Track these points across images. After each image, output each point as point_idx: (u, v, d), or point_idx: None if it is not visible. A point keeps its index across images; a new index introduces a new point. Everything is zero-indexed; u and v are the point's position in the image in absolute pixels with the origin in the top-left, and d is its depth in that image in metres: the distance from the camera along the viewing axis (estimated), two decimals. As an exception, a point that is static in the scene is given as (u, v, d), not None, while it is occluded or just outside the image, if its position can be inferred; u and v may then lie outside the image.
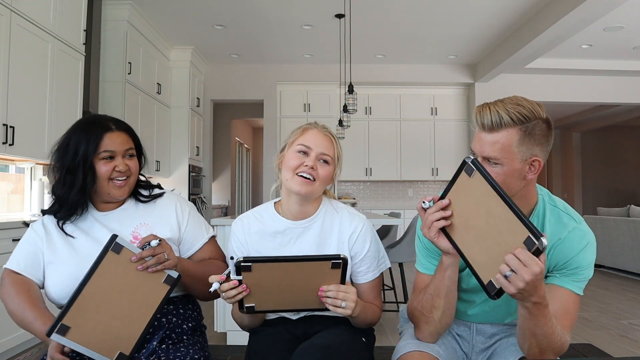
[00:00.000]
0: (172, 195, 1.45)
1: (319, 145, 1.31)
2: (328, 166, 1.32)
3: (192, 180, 6.49)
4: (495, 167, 1.09)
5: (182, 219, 1.38)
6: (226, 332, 3.03)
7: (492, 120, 1.07)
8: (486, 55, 6.84)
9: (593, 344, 2.94)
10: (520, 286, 0.90)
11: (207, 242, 1.41)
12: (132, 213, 1.35)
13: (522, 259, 0.90)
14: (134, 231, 1.31)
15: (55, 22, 3.55)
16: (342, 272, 1.15)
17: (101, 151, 1.25)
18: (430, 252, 1.24)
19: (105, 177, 1.26)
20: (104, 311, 1.12)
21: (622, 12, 5.03)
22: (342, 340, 1.21)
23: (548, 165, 11.35)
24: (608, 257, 5.97)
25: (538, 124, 1.08)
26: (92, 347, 1.12)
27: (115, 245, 1.12)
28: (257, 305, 1.18)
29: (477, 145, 1.12)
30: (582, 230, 1.18)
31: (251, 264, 1.10)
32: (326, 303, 1.16)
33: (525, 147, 1.08)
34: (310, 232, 1.35)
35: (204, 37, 6.09)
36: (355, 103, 4.94)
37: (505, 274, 0.91)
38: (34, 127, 3.35)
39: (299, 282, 1.15)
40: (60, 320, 1.09)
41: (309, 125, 1.37)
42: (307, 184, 1.28)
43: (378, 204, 7.89)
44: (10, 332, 2.71)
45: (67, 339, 1.09)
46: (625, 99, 7.48)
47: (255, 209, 1.43)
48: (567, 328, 1.10)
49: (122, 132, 1.32)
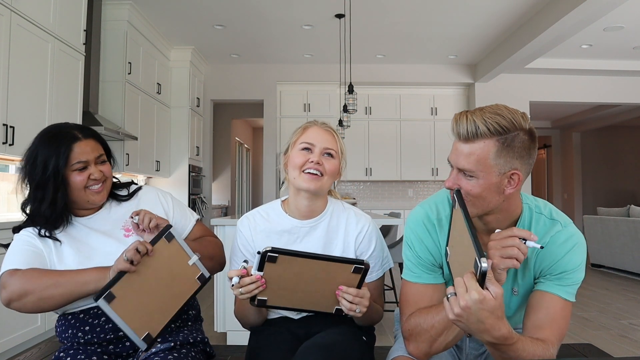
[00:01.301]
0: (151, 187, 1.48)
1: (322, 140, 1.33)
2: (333, 159, 1.33)
3: (192, 180, 6.48)
4: (470, 180, 1.03)
5: (168, 208, 1.42)
6: (226, 332, 3.03)
7: (467, 130, 1.01)
8: (486, 55, 6.84)
9: (593, 344, 2.93)
10: (455, 311, 0.86)
11: (194, 226, 1.46)
12: (116, 211, 1.36)
13: (466, 281, 0.86)
14: (124, 225, 1.33)
15: (55, 22, 3.55)
16: (362, 278, 1.16)
17: (73, 163, 1.24)
18: (423, 261, 1.17)
19: (80, 187, 1.26)
20: (146, 291, 1.18)
21: (622, 12, 5.03)
22: (343, 339, 1.21)
23: (548, 165, 11.35)
24: (608, 257, 5.97)
25: (518, 135, 1.00)
26: (127, 321, 1.16)
27: (168, 234, 1.21)
28: (269, 299, 1.19)
29: (452, 155, 1.06)
30: (567, 233, 1.10)
31: (277, 256, 1.10)
32: (341, 302, 1.17)
33: (504, 160, 1.00)
34: (317, 231, 1.36)
35: (204, 37, 6.09)
36: (355, 103, 4.94)
37: (447, 295, 0.88)
38: (34, 127, 3.35)
39: (317, 281, 1.16)
40: (110, 288, 1.13)
41: (310, 123, 1.38)
42: (315, 180, 1.29)
43: (378, 204, 7.88)
44: (10, 332, 2.71)
45: (110, 308, 1.13)
46: (625, 99, 7.48)
47: (262, 207, 1.44)
48: (554, 338, 1.03)
49: (90, 139, 1.29)
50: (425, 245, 1.17)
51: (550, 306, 1.06)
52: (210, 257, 1.38)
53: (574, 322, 3.64)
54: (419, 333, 1.09)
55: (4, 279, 1.17)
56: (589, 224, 6.29)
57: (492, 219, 1.11)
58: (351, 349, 1.19)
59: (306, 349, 1.14)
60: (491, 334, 0.89)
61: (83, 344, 1.23)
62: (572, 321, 3.66)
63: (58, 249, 1.25)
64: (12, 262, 1.20)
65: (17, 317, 2.77)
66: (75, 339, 1.24)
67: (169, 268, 1.21)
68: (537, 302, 1.07)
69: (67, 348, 1.22)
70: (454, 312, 0.86)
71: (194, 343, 1.32)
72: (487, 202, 1.05)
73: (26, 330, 2.86)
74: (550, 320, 1.04)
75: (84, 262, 1.23)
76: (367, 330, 1.39)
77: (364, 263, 1.13)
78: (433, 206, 1.20)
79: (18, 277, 1.15)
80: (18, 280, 1.14)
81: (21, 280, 1.14)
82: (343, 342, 1.19)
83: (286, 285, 1.17)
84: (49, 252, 1.24)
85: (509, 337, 0.91)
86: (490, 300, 0.84)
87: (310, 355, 1.11)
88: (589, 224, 6.29)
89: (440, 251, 1.17)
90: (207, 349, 1.38)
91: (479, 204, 1.05)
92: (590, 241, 6.30)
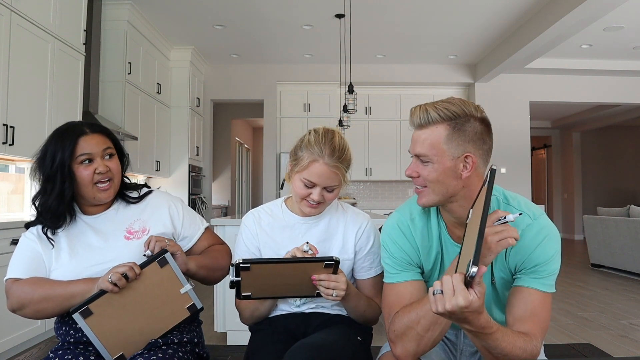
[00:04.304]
0: (162, 192, 1.48)
1: (325, 180, 1.31)
2: (335, 191, 1.35)
3: (192, 180, 6.48)
4: (427, 166, 1.10)
5: (177, 216, 1.42)
6: (226, 332, 3.03)
7: (420, 117, 1.09)
8: (486, 55, 6.84)
9: (593, 344, 2.93)
10: (439, 310, 0.87)
11: (204, 233, 1.46)
12: (123, 213, 1.37)
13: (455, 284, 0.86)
14: (129, 227, 1.34)
15: (55, 22, 3.55)
16: (334, 271, 1.23)
17: (78, 155, 1.25)
18: (398, 260, 1.20)
19: (88, 182, 1.26)
20: (127, 313, 1.17)
21: (622, 12, 5.03)
22: (334, 339, 1.22)
23: (548, 165, 11.35)
24: (608, 257, 5.97)
25: (469, 121, 1.08)
26: (101, 339, 1.16)
27: (162, 259, 1.18)
28: (253, 294, 1.25)
29: (411, 145, 1.14)
30: (538, 225, 1.10)
31: (250, 265, 1.17)
32: (319, 289, 1.24)
33: (455, 144, 1.07)
34: (318, 227, 1.41)
35: (204, 37, 6.09)
36: (355, 103, 4.95)
37: (434, 291, 0.88)
38: (34, 127, 3.35)
39: (294, 277, 1.22)
40: (88, 304, 1.13)
41: (318, 158, 1.30)
42: (315, 208, 1.35)
43: (378, 204, 7.88)
44: (10, 332, 2.71)
45: (85, 322, 1.13)
46: (625, 99, 7.48)
47: (266, 204, 1.51)
48: (537, 331, 1.04)
49: (97, 134, 1.31)
50: (399, 246, 1.20)
51: (529, 300, 1.07)
52: (221, 268, 1.41)
53: (574, 322, 3.64)
54: (404, 332, 1.08)
55: (7, 287, 1.25)
56: (589, 224, 6.29)
57: (456, 207, 1.13)
58: (342, 349, 1.20)
59: (295, 349, 1.16)
60: (470, 324, 0.91)
61: (73, 343, 1.24)
62: (572, 321, 3.66)
63: (56, 252, 1.28)
64: (15, 270, 1.26)
65: (17, 317, 2.75)
66: (67, 337, 1.26)
67: (157, 293, 1.18)
68: (516, 298, 1.09)
69: (57, 348, 1.23)
70: (438, 310, 0.87)
71: (180, 343, 1.28)
72: (445, 186, 1.10)
73: (26, 330, 2.86)
74: (530, 314, 1.06)
75: (77, 267, 1.25)
76: (363, 330, 1.40)
77: (333, 259, 1.19)
78: (406, 209, 1.25)
79: (16, 289, 1.22)
80: (16, 292, 1.22)
81: (18, 293, 1.22)
82: (333, 342, 1.20)
83: (266, 282, 1.23)
84: (48, 257, 1.27)
85: (486, 327, 0.92)
86: (475, 302, 0.85)
87: (298, 355, 1.13)
88: (589, 224, 6.29)
89: (415, 251, 1.20)
90: (198, 350, 1.35)
91: (438, 189, 1.11)
92: (590, 241, 6.30)
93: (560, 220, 10.72)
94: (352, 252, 1.39)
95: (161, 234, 1.34)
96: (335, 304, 1.39)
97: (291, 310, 1.40)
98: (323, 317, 1.37)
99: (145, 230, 1.34)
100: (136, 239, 1.32)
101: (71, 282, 1.22)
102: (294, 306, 1.40)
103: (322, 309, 1.39)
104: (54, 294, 1.19)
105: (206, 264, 1.36)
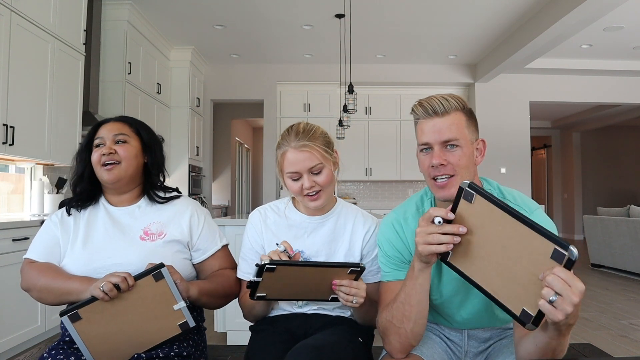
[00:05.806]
0: (190, 200, 1.48)
1: (303, 164, 1.29)
2: (323, 172, 1.32)
3: (192, 180, 6.48)
4: (455, 151, 1.09)
5: (197, 226, 1.40)
6: (226, 332, 3.03)
7: (442, 104, 1.10)
8: (486, 55, 6.84)
9: (593, 344, 2.93)
10: (568, 310, 0.77)
11: (219, 250, 1.43)
12: (145, 210, 1.39)
13: (565, 277, 0.76)
14: (146, 227, 1.35)
15: (55, 22, 3.55)
16: (356, 278, 1.20)
17: (94, 140, 1.36)
18: (391, 259, 1.22)
19: (96, 163, 1.33)
20: (116, 322, 1.16)
21: (622, 12, 5.03)
22: (335, 340, 1.22)
23: (548, 165, 11.35)
24: (608, 257, 5.97)
25: (471, 111, 1.15)
26: (88, 345, 1.15)
27: (157, 273, 1.15)
28: (268, 295, 1.22)
29: (430, 134, 1.10)
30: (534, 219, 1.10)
31: (276, 267, 1.13)
32: (338, 295, 1.20)
33: (471, 130, 1.13)
34: (324, 228, 1.40)
35: (204, 37, 6.09)
36: (355, 103, 4.94)
37: (549, 299, 0.77)
38: (34, 127, 3.35)
39: (314, 281, 1.20)
40: (77, 309, 1.13)
41: (285, 144, 1.32)
42: (317, 199, 1.33)
43: (378, 204, 7.88)
44: (10, 332, 2.71)
45: (72, 327, 1.13)
46: (625, 99, 7.48)
47: (274, 202, 1.50)
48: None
49: (118, 122, 1.39)
50: (392, 244, 1.22)
51: None
52: (225, 295, 1.38)
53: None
54: (386, 327, 1.13)
55: (22, 266, 1.32)
56: (589, 224, 6.29)
57: None
58: (343, 350, 1.19)
59: (297, 350, 1.15)
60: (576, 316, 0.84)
61: (68, 342, 1.25)
62: (572, 321, 3.65)
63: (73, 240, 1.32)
64: (33, 251, 1.33)
65: (17, 317, 2.77)
66: (66, 333, 1.26)
67: (149, 307, 1.17)
68: None
69: (52, 348, 1.24)
70: (567, 311, 0.77)
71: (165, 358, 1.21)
72: (471, 173, 1.11)
73: (26, 330, 2.86)
74: None
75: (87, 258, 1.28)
76: (364, 331, 1.39)
77: (359, 265, 1.17)
78: (400, 209, 1.28)
79: (27, 271, 1.29)
80: (26, 275, 1.29)
81: (28, 276, 1.28)
82: (335, 343, 1.20)
83: (285, 284, 1.20)
84: (65, 243, 1.33)
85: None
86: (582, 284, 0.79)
87: (300, 356, 1.12)
88: (589, 224, 6.29)
89: (408, 250, 1.21)
90: None
91: (466, 176, 1.11)
92: (591, 241, 6.30)
93: (560, 220, 10.72)
94: (358, 255, 1.38)
95: (176, 240, 1.34)
96: (337, 305, 1.38)
97: (293, 311, 1.39)
98: (324, 318, 1.37)
99: (162, 234, 1.34)
100: (151, 241, 1.32)
101: (70, 277, 1.24)
102: (296, 307, 1.39)
103: (324, 310, 1.39)
104: (53, 286, 1.23)
105: (209, 291, 1.32)
